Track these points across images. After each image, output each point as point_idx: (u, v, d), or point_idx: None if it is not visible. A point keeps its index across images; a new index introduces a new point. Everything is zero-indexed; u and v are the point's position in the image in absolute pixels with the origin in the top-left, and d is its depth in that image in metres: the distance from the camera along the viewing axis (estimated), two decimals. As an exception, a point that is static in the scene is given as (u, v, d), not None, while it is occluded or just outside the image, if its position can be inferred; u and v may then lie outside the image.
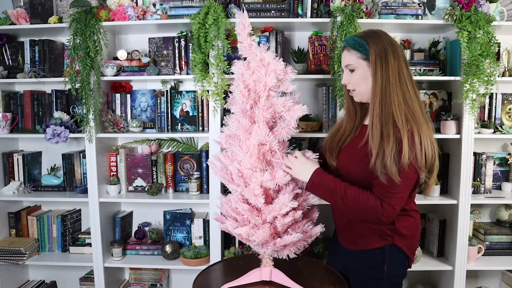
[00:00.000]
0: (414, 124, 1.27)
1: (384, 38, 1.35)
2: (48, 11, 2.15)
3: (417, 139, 1.26)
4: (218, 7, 1.95)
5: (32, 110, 2.32)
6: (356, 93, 1.41)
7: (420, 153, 1.27)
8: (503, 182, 2.33)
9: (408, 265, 1.48)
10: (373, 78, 1.33)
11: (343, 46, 1.43)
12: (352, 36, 1.40)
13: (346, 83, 1.43)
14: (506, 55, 2.21)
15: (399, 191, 1.30)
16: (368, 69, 1.35)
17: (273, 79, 1.39)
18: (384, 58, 1.31)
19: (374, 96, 1.32)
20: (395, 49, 1.33)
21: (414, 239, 1.48)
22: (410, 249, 1.45)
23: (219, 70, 1.99)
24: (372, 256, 1.43)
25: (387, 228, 1.40)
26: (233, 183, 1.42)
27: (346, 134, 1.49)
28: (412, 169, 1.28)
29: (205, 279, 1.56)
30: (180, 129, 2.24)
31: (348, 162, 1.43)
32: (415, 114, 1.30)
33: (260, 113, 1.39)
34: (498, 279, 2.45)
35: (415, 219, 1.47)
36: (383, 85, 1.31)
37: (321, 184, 1.38)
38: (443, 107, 2.21)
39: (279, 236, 1.39)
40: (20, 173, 2.37)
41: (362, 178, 1.36)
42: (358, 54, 1.36)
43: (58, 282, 2.57)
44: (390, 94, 1.30)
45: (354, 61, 1.38)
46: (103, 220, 2.25)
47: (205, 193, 2.27)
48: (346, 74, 1.42)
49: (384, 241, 1.41)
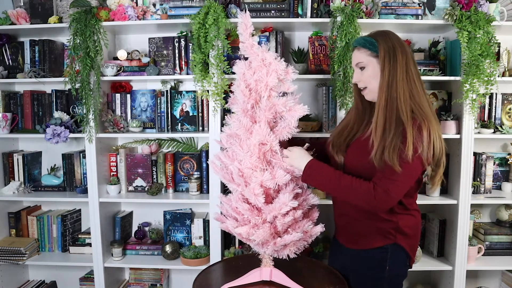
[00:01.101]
0: (422, 118, 1.30)
1: (393, 37, 1.39)
2: (48, 11, 2.16)
3: (425, 133, 1.28)
4: (218, 7, 1.95)
5: (32, 110, 2.32)
6: (368, 91, 1.43)
7: (428, 146, 1.28)
8: (503, 182, 2.33)
9: (409, 265, 1.48)
10: (381, 74, 1.36)
11: (353, 46, 1.46)
12: (362, 36, 1.44)
13: (357, 81, 1.45)
14: (506, 55, 2.21)
15: (397, 178, 1.30)
16: (378, 66, 1.38)
17: (275, 79, 1.40)
18: (393, 55, 1.35)
19: (381, 91, 1.35)
20: (403, 47, 1.38)
21: (415, 238, 1.49)
22: (412, 249, 1.46)
23: (219, 70, 1.99)
24: (373, 256, 1.43)
25: (390, 227, 1.40)
26: (234, 183, 1.42)
27: (354, 131, 1.50)
28: (417, 161, 1.29)
29: (205, 279, 1.56)
30: (180, 129, 2.24)
31: (355, 158, 1.43)
32: (422, 108, 1.32)
33: (261, 113, 1.39)
34: (498, 279, 2.45)
35: (416, 219, 1.47)
36: (390, 80, 1.34)
37: (317, 169, 1.39)
38: (443, 107, 2.22)
39: (279, 236, 1.40)
40: (20, 173, 2.37)
41: (369, 174, 1.36)
42: (368, 52, 1.40)
43: (58, 282, 2.57)
44: (396, 89, 1.33)
45: (365, 59, 1.41)
46: (103, 220, 2.25)
47: (205, 193, 2.27)
48: (357, 73, 1.45)
49: (387, 240, 1.41)
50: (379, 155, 1.29)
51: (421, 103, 1.33)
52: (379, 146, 1.30)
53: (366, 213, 1.42)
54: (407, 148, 1.26)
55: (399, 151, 1.27)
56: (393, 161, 1.27)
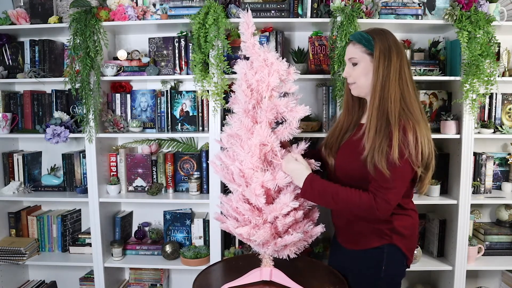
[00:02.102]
0: (409, 121, 1.29)
1: (389, 37, 1.39)
2: (48, 11, 2.15)
3: (411, 136, 1.27)
4: (218, 7, 1.95)
5: (32, 110, 2.32)
6: (355, 86, 1.44)
7: (415, 148, 1.28)
8: (503, 182, 2.33)
9: (407, 265, 1.48)
10: (374, 73, 1.36)
11: (349, 40, 1.46)
12: (359, 32, 1.43)
13: (347, 75, 1.46)
14: (506, 55, 2.21)
15: (392, 186, 1.30)
16: (371, 64, 1.38)
17: (277, 80, 1.40)
18: (388, 55, 1.34)
19: (375, 91, 1.35)
20: (399, 48, 1.37)
21: (412, 238, 1.48)
22: (409, 249, 1.46)
23: (219, 70, 1.99)
24: (370, 256, 1.44)
25: (386, 228, 1.40)
26: (234, 183, 1.42)
27: (343, 130, 1.51)
28: (406, 164, 1.29)
29: (205, 279, 1.56)
30: (180, 129, 2.24)
31: (345, 160, 1.44)
32: (411, 112, 1.32)
33: (263, 113, 1.39)
34: (498, 279, 2.45)
35: (413, 219, 1.47)
36: (383, 80, 1.34)
37: (312, 189, 1.37)
38: (443, 107, 2.22)
39: (280, 236, 1.40)
40: (20, 173, 2.37)
41: (359, 176, 1.37)
42: (363, 49, 1.39)
43: (58, 282, 2.56)
44: (388, 90, 1.33)
45: (358, 55, 1.41)
46: (103, 220, 2.25)
47: (205, 193, 2.27)
48: (348, 67, 1.45)
49: (383, 240, 1.41)
50: (370, 157, 1.30)
51: (411, 106, 1.33)
52: (371, 147, 1.30)
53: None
54: (392, 151, 1.26)
55: (387, 154, 1.27)
56: (381, 164, 1.27)
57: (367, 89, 1.41)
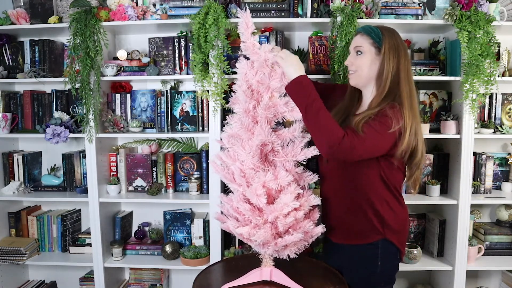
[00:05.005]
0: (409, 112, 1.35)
1: (398, 37, 1.45)
2: (48, 11, 2.15)
3: (403, 117, 1.33)
4: (218, 7, 1.95)
5: (32, 110, 2.31)
6: (356, 75, 1.46)
7: (403, 129, 1.32)
8: (503, 182, 2.33)
9: (400, 258, 1.52)
10: (383, 67, 1.39)
11: (357, 31, 1.49)
12: (368, 25, 1.47)
13: (349, 64, 1.48)
14: (506, 55, 2.21)
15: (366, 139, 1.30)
16: (376, 57, 1.42)
17: (277, 83, 1.40)
18: (397, 52, 1.40)
19: (385, 83, 1.39)
20: (405, 49, 1.44)
21: (404, 233, 1.53)
22: (401, 242, 1.50)
23: (219, 70, 1.99)
24: (365, 252, 1.47)
25: (377, 222, 1.43)
26: (235, 183, 1.42)
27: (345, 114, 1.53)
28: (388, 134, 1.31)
29: (205, 279, 1.56)
30: (180, 129, 2.24)
31: None
32: (413, 108, 1.38)
33: (263, 113, 1.39)
34: (498, 279, 2.45)
35: (403, 214, 1.51)
36: (393, 74, 1.38)
37: (304, 88, 1.37)
38: (443, 107, 2.22)
39: (280, 236, 1.39)
40: (20, 173, 2.37)
41: (353, 169, 1.41)
42: (371, 41, 1.43)
43: (58, 282, 2.56)
44: (399, 83, 1.39)
45: (366, 46, 1.43)
46: (103, 220, 2.25)
47: (205, 193, 2.27)
48: (352, 56, 1.48)
49: (377, 236, 1.45)
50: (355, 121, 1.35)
51: (414, 103, 1.39)
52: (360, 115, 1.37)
53: (353, 210, 1.46)
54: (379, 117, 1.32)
55: (369, 120, 1.32)
56: (357, 126, 1.31)
57: (366, 80, 1.45)
